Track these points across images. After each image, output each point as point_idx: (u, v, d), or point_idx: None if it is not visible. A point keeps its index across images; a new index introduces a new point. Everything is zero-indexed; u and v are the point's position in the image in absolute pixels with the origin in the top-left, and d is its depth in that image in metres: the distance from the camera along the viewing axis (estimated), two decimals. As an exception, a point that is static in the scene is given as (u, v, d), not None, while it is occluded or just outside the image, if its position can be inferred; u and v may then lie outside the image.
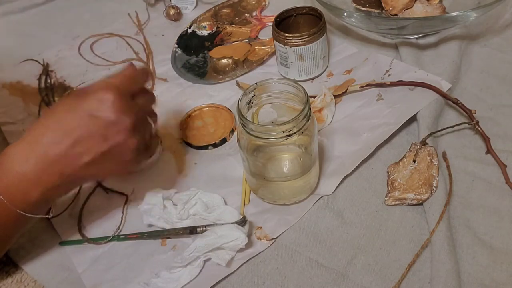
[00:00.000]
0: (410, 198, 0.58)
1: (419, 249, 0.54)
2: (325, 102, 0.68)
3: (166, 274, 0.55)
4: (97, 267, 0.58)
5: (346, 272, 0.54)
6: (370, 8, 0.82)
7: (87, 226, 0.62)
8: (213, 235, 0.55)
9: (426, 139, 0.62)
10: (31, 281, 0.58)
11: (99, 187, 0.67)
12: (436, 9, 0.78)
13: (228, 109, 0.74)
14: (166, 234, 0.59)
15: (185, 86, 0.80)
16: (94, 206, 0.64)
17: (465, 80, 0.72)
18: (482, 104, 0.68)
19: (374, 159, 0.64)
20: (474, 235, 0.55)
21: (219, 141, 0.69)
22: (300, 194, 0.60)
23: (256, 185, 0.60)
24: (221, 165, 0.67)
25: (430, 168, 0.60)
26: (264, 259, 0.56)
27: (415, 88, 0.69)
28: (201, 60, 0.84)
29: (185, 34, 0.90)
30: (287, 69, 0.75)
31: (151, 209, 0.59)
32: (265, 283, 0.54)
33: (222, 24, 0.91)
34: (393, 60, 0.74)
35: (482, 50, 0.77)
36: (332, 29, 0.84)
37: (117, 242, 0.60)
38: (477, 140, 0.64)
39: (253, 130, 0.52)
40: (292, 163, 0.61)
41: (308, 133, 0.54)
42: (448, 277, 0.50)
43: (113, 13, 0.98)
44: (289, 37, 0.71)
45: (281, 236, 0.58)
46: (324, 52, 0.75)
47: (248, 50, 0.83)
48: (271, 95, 0.57)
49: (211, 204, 0.60)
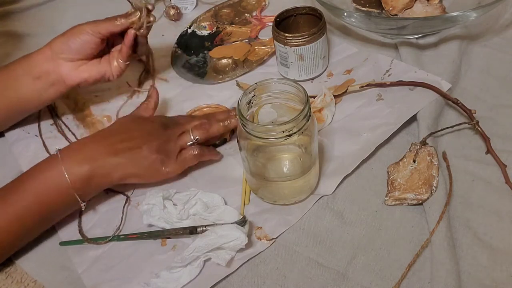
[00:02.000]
0: (410, 198, 0.58)
1: (419, 249, 0.54)
2: (325, 102, 0.68)
3: (166, 274, 0.55)
4: (97, 267, 0.58)
5: (346, 272, 0.54)
6: (370, 8, 0.82)
7: (87, 226, 0.62)
8: (213, 235, 0.55)
9: (426, 139, 0.62)
10: (31, 281, 0.58)
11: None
12: (436, 9, 0.78)
13: (227, 109, 0.74)
14: (166, 234, 0.59)
15: (185, 86, 0.80)
16: (94, 206, 0.64)
17: (465, 80, 0.72)
18: (482, 104, 0.68)
19: (374, 159, 0.64)
20: (474, 235, 0.55)
21: (219, 141, 0.69)
22: (300, 194, 0.60)
23: (256, 185, 0.60)
24: (221, 165, 0.67)
25: (430, 168, 0.60)
26: (264, 259, 0.56)
27: (415, 88, 0.69)
28: (201, 60, 0.84)
29: (185, 34, 0.90)
30: (287, 69, 0.75)
31: (151, 209, 0.59)
32: (265, 283, 0.54)
33: (222, 24, 0.91)
34: (393, 60, 0.74)
35: (482, 50, 0.77)
36: (332, 29, 0.84)
37: (117, 242, 0.60)
38: (477, 140, 0.64)
39: (253, 130, 0.52)
40: (292, 163, 0.61)
41: (308, 133, 0.54)
42: (448, 277, 0.50)
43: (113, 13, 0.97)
44: (289, 37, 0.71)
45: (281, 236, 0.58)
46: (324, 52, 0.75)
47: (248, 50, 0.83)
48: (271, 95, 0.57)
49: (211, 204, 0.60)
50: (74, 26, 0.68)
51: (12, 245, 0.58)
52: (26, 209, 0.56)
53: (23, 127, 0.76)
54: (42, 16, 1.01)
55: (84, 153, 0.59)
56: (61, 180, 0.57)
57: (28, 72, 0.68)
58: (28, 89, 0.68)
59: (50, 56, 0.67)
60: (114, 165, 0.59)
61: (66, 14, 1.00)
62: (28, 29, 0.98)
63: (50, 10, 1.02)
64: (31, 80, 0.68)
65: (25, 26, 0.99)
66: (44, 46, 0.69)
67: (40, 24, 0.98)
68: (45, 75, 0.68)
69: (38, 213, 0.57)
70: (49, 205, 0.57)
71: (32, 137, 0.74)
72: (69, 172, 0.57)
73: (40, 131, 0.75)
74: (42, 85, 0.68)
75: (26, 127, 0.76)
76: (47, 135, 0.75)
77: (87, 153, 0.59)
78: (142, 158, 0.60)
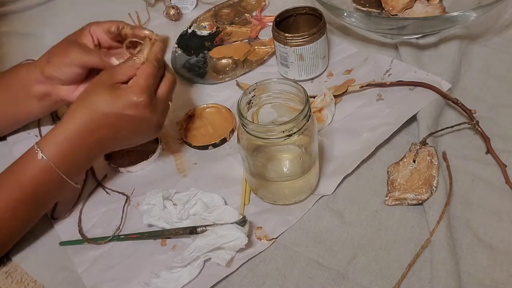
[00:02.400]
0: (410, 198, 0.58)
1: (419, 249, 0.54)
2: (325, 102, 0.68)
3: (166, 274, 0.55)
4: (97, 267, 0.58)
5: (346, 272, 0.54)
6: (370, 8, 0.82)
7: (87, 226, 0.62)
8: (213, 235, 0.55)
9: (426, 139, 0.62)
10: (31, 281, 0.58)
11: (99, 187, 0.67)
12: (436, 9, 0.78)
13: (228, 109, 0.74)
14: (166, 234, 0.59)
15: (185, 86, 0.80)
16: (94, 206, 0.64)
17: (465, 80, 0.72)
18: (482, 104, 0.68)
19: (374, 159, 0.64)
20: (474, 235, 0.55)
21: (219, 141, 0.69)
22: (300, 194, 0.60)
23: (256, 185, 0.60)
24: (221, 165, 0.67)
25: (430, 168, 0.60)
26: (264, 259, 0.56)
27: (415, 88, 0.69)
28: (201, 60, 0.84)
29: (185, 34, 0.90)
30: (287, 69, 0.75)
31: (151, 209, 0.59)
32: (265, 283, 0.54)
33: (222, 24, 0.91)
34: (393, 60, 0.74)
35: (482, 50, 0.77)
36: (332, 29, 0.84)
37: (117, 242, 0.60)
38: (477, 140, 0.64)
39: (253, 130, 0.52)
40: (292, 163, 0.61)
41: (308, 133, 0.54)
42: (448, 277, 0.50)
43: (113, 13, 0.97)
44: (289, 37, 0.71)
45: (281, 236, 0.58)
46: (324, 52, 0.75)
47: (248, 50, 0.83)
48: (271, 95, 0.57)
49: (211, 204, 0.60)
50: (61, 50, 0.66)
51: (9, 237, 0.58)
52: (12, 198, 0.56)
53: (23, 129, 0.75)
54: (42, 16, 1.01)
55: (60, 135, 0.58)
56: (34, 156, 0.56)
57: (30, 95, 0.68)
58: (33, 108, 0.69)
59: (46, 82, 0.67)
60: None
61: (66, 14, 1.00)
62: (28, 29, 0.98)
63: (50, 10, 1.02)
64: (36, 101, 0.68)
65: (25, 26, 0.99)
66: (38, 71, 0.66)
67: (40, 24, 0.98)
68: (47, 98, 0.68)
69: (26, 199, 0.56)
70: (35, 188, 0.56)
71: (32, 138, 0.74)
72: (44, 150, 0.56)
73: (40, 132, 0.75)
74: (46, 104, 0.69)
75: (27, 128, 0.75)
76: (47, 135, 0.75)
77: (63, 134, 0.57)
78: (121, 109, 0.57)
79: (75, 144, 0.57)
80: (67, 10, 1.01)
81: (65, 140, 0.57)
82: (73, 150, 0.57)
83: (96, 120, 0.57)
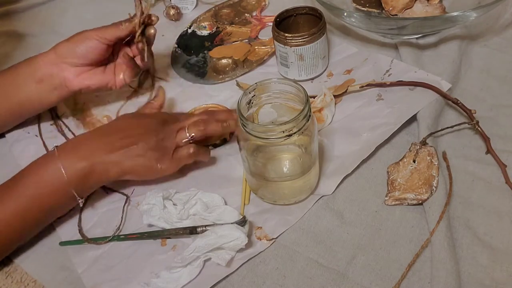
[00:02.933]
0: (410, 198, 0.58)
1: (419, 249, 0.54)
2: (325, 102, 0.68)
3: (166, 274, 0.55)
4: (97, 267, 0.58)
5: (346, 272, 0.54)
6: (370, 8, 0.82)
7: (87, 226, 0.62)
8: (213, 235, 0.55)
9: (426, 139, 0.62)
10: (31, 281, 0.58)
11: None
12: (436, 9, 0.78)
13: (228, 109, 0.74)
14: (166, 234, 0.59)
15: (185, 86, 0.80)
16: (94, 206, 0.64)
17: (465, 80, 0.72)
18: (482, 104, 0.68)
19: (374, 159, 0.64)
20: (474, 235, 0.55)
21: (219, 141, 0.69)
22: (300, 194, 0.60)
23: (256, 185, 0.60)
24: (221, 165, 0.67)
25: (430, 168, 0.60)
26: (264, 259, 0.56)
27: (415, 88, 0.69)
28: (201, 60, 0.84)
29: (185, 34, 0.90)
30: (287, 69, 0.75)
31: (151, 209, 0.59)
32: (265, 283, 0.54)
33: (222, 24, 0.91)
34: (393, 60, 0.74)
35: (482, 50, 0.77)
36: (332, 29, 0.84)
37: (117, 242, 0.60)
38: (477, 140, 0.64)
39: (253, 130, 0.52)
40: (292, 163, 0.61)
41: (308, 133, 0.54)
42: (448, 277, 0.50)
43: (113, 13, 0.97)
44: (289, 37, 0.71)
45: (281, 236, 0.58)
46: (324, 52, 0.75)
47: (248, 50, 0.83)
48: (271, 95, 0.57)
49: (211, 204, 0.60)
50: (80, 32, 0.68)
51: (13, 241, 0.58)
52: (26, 205, 0.56)
53: (23, 127, 0.76)
54: (42, 16, 1.01)
55: (82, 150, 0.59)
56: (58, 176, 0.57)
57: (31, 75, 0.68)
58: (30, 92, 0.68)
59: (54, 60, 0.67)
60: (111, 161, 0.59)
61: (66, 14, 1.00)
62: (28, 29, 0.98)
63: (50, 10, 1.02)
64: (34, 83, 0.68)
65: (25, 26, 0.99)
66: (49, 50, 0.68)
67: (40, 24, 0.98)
68: (47, 79, 0.68)
69: (37, 209, 0.57)
70: (48, 201, 0.58)
71: (32, 137, 0.74)
72: (66, 169, 0.57)
73: (40, 131, 0.75)
74: (44, 89, 0.69)
75: (26, 127, 0.76)
76: (47, 135, 0.75)
77: (85, 150, 0.59)
78: (138, 155, 0.60)
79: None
80: (67, 10, 1.01)
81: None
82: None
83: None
